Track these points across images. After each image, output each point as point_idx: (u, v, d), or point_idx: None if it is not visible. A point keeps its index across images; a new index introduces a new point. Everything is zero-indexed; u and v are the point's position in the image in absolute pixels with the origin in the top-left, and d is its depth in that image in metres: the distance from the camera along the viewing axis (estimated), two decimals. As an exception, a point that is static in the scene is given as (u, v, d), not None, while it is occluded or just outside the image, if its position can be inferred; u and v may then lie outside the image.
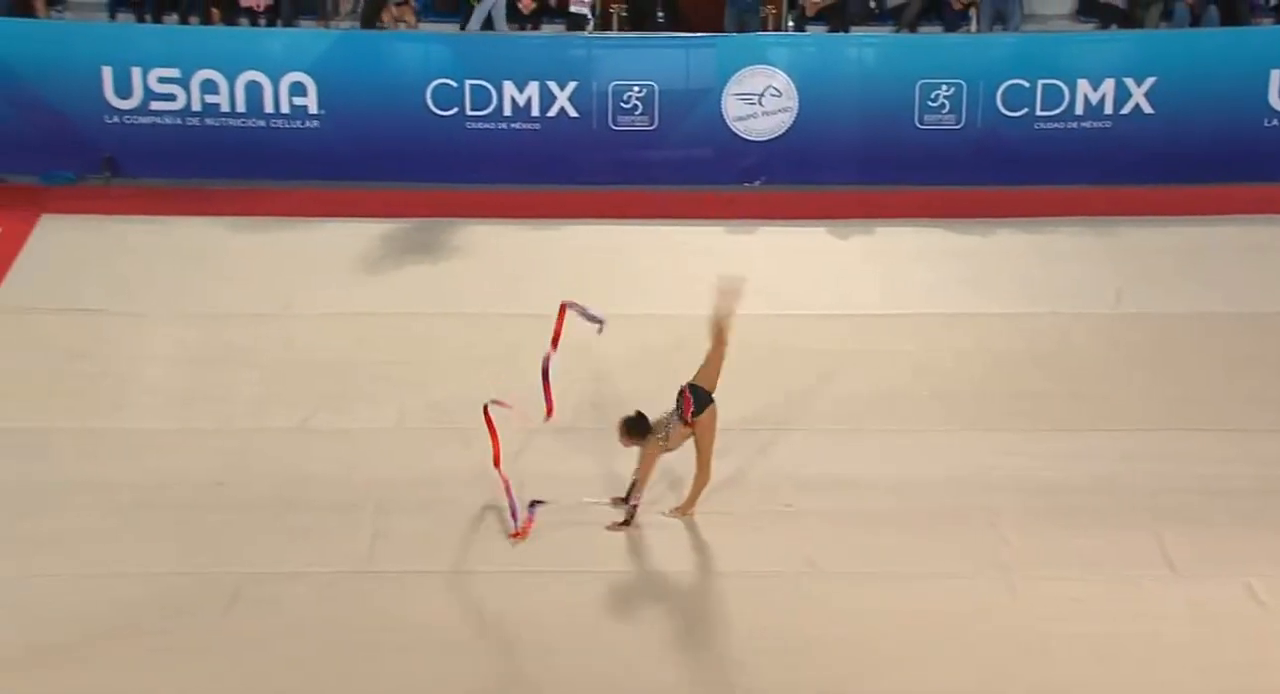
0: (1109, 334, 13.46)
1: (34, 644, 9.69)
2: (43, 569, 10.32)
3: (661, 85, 15.95)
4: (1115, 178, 16.01)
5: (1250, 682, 9.66)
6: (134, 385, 12.42)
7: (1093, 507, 11.17)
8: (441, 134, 15.88)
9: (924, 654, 9.80)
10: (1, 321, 13.24)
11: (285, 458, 11.58)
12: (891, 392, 12.51)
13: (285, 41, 16.23)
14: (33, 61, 15.80)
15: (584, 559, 10.57)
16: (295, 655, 9.69)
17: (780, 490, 11.30)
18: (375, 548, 10.65)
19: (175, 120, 15.87)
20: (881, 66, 16.29)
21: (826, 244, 14.98)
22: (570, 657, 9.73)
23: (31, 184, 15.73)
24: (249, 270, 14.18)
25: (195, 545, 10.61)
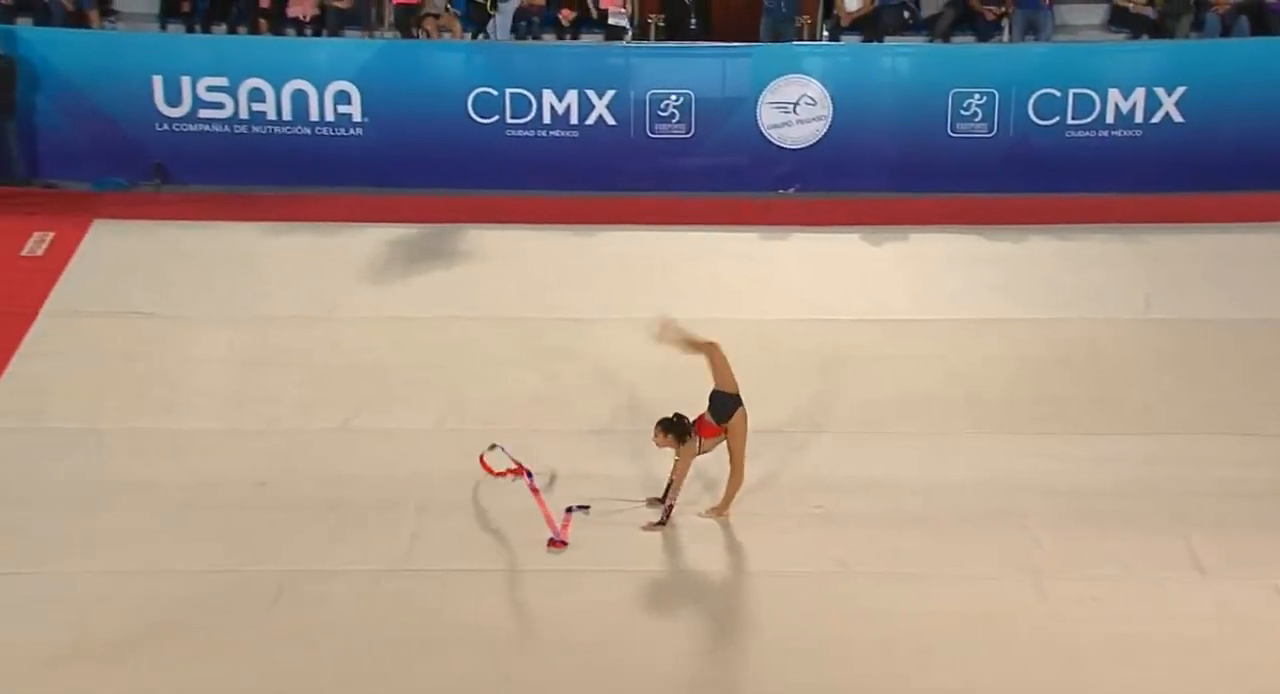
0: (1137, 339, 13.39)
1: (88, 638, 9.72)
2: (97, 566, 10.36)
3: (698, 94, 15.96)
4: (1145, 186, 15.94)
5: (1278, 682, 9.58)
6: (182, 387, 12.46)
7: (1121, 509, 11.09)
8: (482, 141, 15.91)
9: (954, 654, 9.74)
10: (55, 324, 13.29)
11: (328, 458, 11.59)
12: (922, 395, 12.46)
13: (330, 51, 16.28)
14: (86, 71, 15.93)
15: (619, 559, 10.54)
16: (336, 651, 9.68)
17: (811, 492, 11.26)
18: (414, 547, 10.65)
19: (223, 128, 15.96)
20: (915, 76, 16.27)
21: (859, 250, 14.93)
22: (604, 654, 9.70)
23: (84, 190, 15.82)
24: (294, 274, 14.22)
25: (240, 544, 10.63)
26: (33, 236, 14.64)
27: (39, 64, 15.74)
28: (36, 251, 14.45)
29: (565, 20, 17.06)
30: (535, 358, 12.81)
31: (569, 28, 17.12)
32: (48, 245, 14.54)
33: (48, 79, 15.79)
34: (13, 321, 13.21)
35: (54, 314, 13.45)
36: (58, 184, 15.93)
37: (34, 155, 15.93)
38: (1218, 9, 17.09)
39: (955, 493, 11.26)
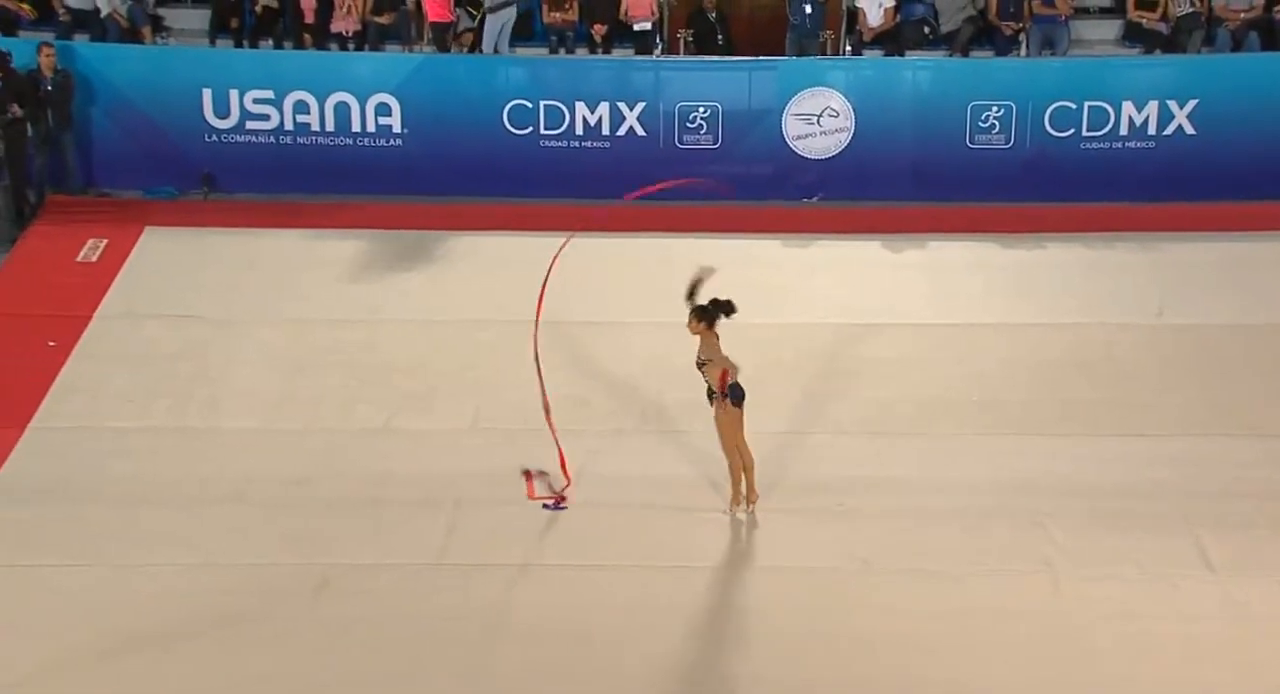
0: (1151, 344, 13.31)
1: (142, 628, 9.74)
2: (150, 559, 10.39)
3: (725, 106, 15.95)
4: (1158, 195, 15.85)
5: (1287, 679, 9.52)
6: (228, 387, 12.48)
7: (1135, 509, 11.02)
8: (517, 151, 15.91)
9: (973, 648, 9.68)
10: (108, 327, 13.33)
11: (368, 456, 11.59)
12: (943, 398, 12.41)
13: (372, 65, 16.28)
14: (139, 85, 15.99)
15: (647, 555, 10.51)
16: (377, 641, 9.67)
17: (834, 490, 11.21)
18: (451, 541, 10.63)
19: (269, 139, 16.00)
20: (934, 89, 16.22)
21: (881, 257, 14.89)
22: (633, 647, 9.66)
23: (136, 198, 15.87)
24: (336, 279, 14.25)
25: (284, 538, 10.64)
26: (87, 243, 14.69)
27: (95, 78, 15.79)
28: (91, 258, 14.50)
29: (597, 35, 17.04)
30: (567, 360, 12.77)
31: (601, 42, 17.09)
32: (102, 251, 14.59)
33: (103, 92, 15.84)
34: (69, 324, 13.25)
35: (107, 317, 13.49)
36: (111, 193, 15.96)
37: (89, 165, 15.97)
38: (1229, 24, 17.01)
39: (974, 492, 11.20)
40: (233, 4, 17.04)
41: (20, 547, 10.46)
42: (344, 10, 16.94)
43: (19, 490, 11.08)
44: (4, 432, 11.68)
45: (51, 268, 14.31)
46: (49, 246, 14.69)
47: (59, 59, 15.39)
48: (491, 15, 16.61)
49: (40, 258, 14.52)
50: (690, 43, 17.52)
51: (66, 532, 10.62)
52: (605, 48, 17.13)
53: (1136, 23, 17.30)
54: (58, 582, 10.13)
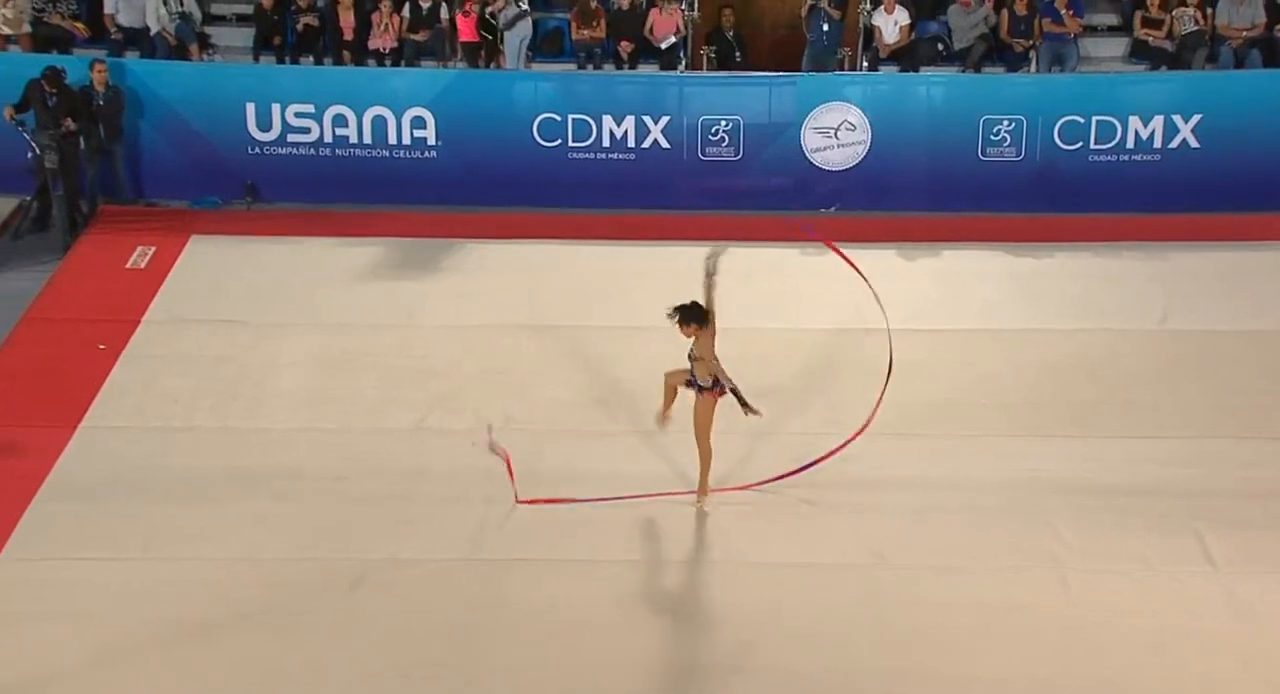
0: (1156, 349, 13.24)
1: (186, 619, 9.76)
2: (193, 553, 10.39)
3: (746, 119, 15.93)
4: (1163, 206, 15.80)
5: (1287, 671, 9.46)
6: (269, 388, 12.47)
7: (1140, 507, 10.96)
8: (546, 163, 15.92)
9: (983, 642, 9.64)
10: (155, 331, 13.34)
11: (402, 454, 11.57)
12: (955, 400, 12.36)
13: (407, 80, 16.29)
14: (186, 99, 16.02)
15: (667, 551, 10.51)
16: (411, 634, 9.67)
17: (849, 489, 11.16)
18: (482, 537, 10.61)
19: (309, 151, 16.03)
20: (948, 103, 16.19)
21: (896, 265, 14.82)
22: (652, 640, 9.66)
23: (183, 208, 15.90)
24: (372, 285, 14.25)
25: (322, 534, 10.63)
26: (136, 250, 14.72)
27: (144, 93, 15.84)
28: (140, 264, 14.52)
29: (624, 52, 17.04)
30: (593, 363, 12.78)
31: (627, 59, 17.09)
32: (150, 258, 14.61)
33: (152, 107, 15.89)
34: (119, 328, 13.28)
35: (155, 322, 13.50)
36: (159, 202, 16.00)
37: (138, 176, 16.02)
38: (1231, 42, 16.95)
39: (984, 491, 11.15)
40: (275, 22, 17.09)
41: (72, 540, 10.48)
42: (381, 28, 16.97)
43: (71, 487, 11.09)
44: (57, 431, 11.71)
45: (102, 274, 14.34)
46: (100, 254, 14.71)
47: (110, 75, 15.44)
48: (509, 33, 16.62)
49: (92, 265, 14.54)
50: (712, 59, 17.53)
51: (115, 526, 10.64)
52: (631, 64, 17.14)
53: (1143, 41, 17.24)
54: (107, 573, 10.15)
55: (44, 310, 13.64)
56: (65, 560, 10.27)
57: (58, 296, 13.92)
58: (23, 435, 11.63)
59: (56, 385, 12.36)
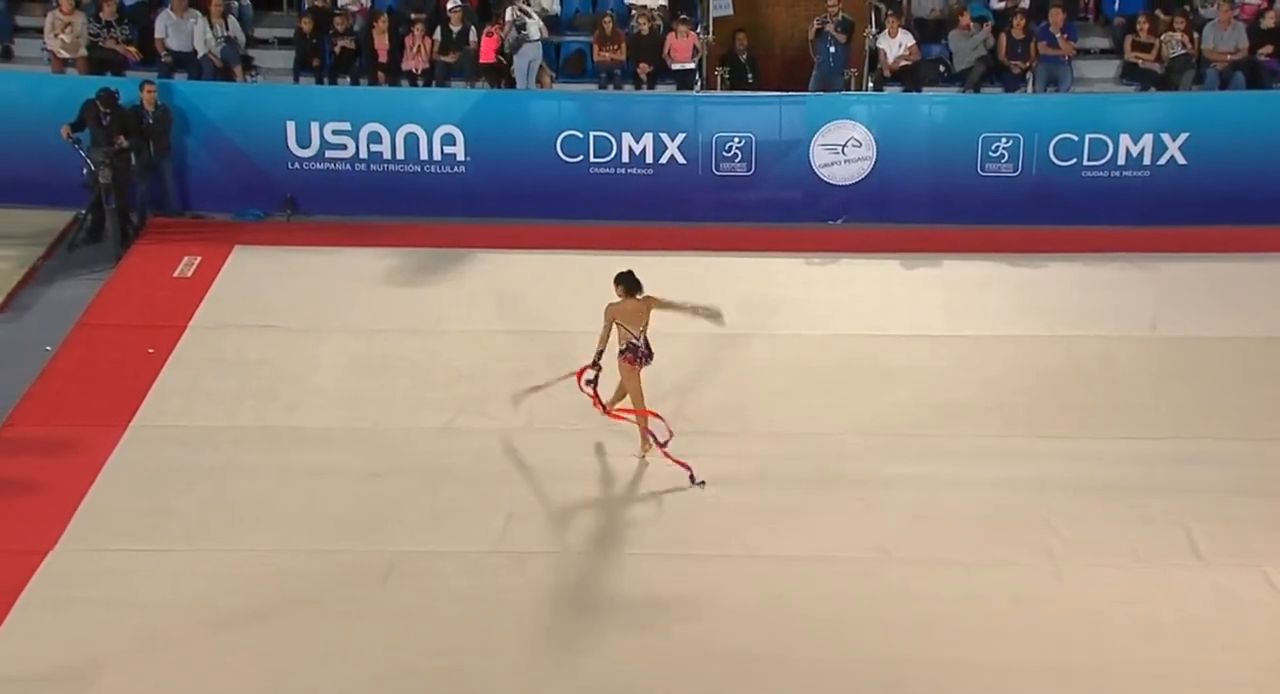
0: (1147, 354, 13.19)
1: (228, 607, 9.80)
2: (235, 544, 10.43)
3: (758, 137, 15.88)
4: (1153, 219, 15.71)
5: (1269, 657, 9.43)
6: (307, 390, 12.47)
7: (1131, 504, 10.93)
8: (569, 178, 15.90)
9: (983, 631, 9.64)
10: (201, 336, 13.35)
11: (432, 453, 11.57)
12: (956, 403, 12.31)
13: (438, 100, 16.28)
14: (230, 118, 16.02)
15: (684, 543, 10.49)
16: (439, 622, 9.69)
17: (856, 487, 11.15)
18: (508, 531, 10.61)
19: (346, 166, 16.02)
20: (949, 122, 16.14)
21: (899, 274, 14.80)
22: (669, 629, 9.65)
23: (227, 220, 15.90)
24: (405, 293, 14.25)
25: (355, 527, 10.65)
26: (183, 260, 14.72)
27: (191, 112, 15.85)
28: (186, 273, 14.53)
29: (643, 73, 17.04)
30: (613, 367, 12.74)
31: (646, 79, 17.09)
32: (196, 268, 14.61)
33: (198, 125, 15.89)
34: (166, 334, 13.28)
35: (200, 327, 13.51)
36: (205, 215, 16.01)
37: (185, 190, 16.01)
38: (1216, 65, 16.87)
39: (985, 488, 11.12)
40: (314, 45, 17.09)
41: (123, 532, 10.52)
42: (414, 51, 16.96)
43: (123, 482, 11.12)
44: (109, 429, 11.73)
45: (151, 283, 14.34)
46: (149, 264, 14.72)
47: (159, 95, 15.46)
48: (516, 56, 16.63)
49: (141, 274, 14.55)
50: (726, 80, 17.52)
51: (163, 519, 10.67)
52: (650, 84, 17.11)
53: (1133, 63, 17.17)
54: (155, 563, 10.20)
55: (97, 317, 13.66)
56: (115, 551, 10.32)
57: (110, 304, 13.94)
58: (78, 434, 11.67)
59: (109, 387, 12.38)
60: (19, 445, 11.53)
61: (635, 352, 11.13)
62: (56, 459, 11.36)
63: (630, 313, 11.07)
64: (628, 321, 11.09)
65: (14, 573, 9.97)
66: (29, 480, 11.07)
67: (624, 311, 11.06)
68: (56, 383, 12.47)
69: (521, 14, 16.55)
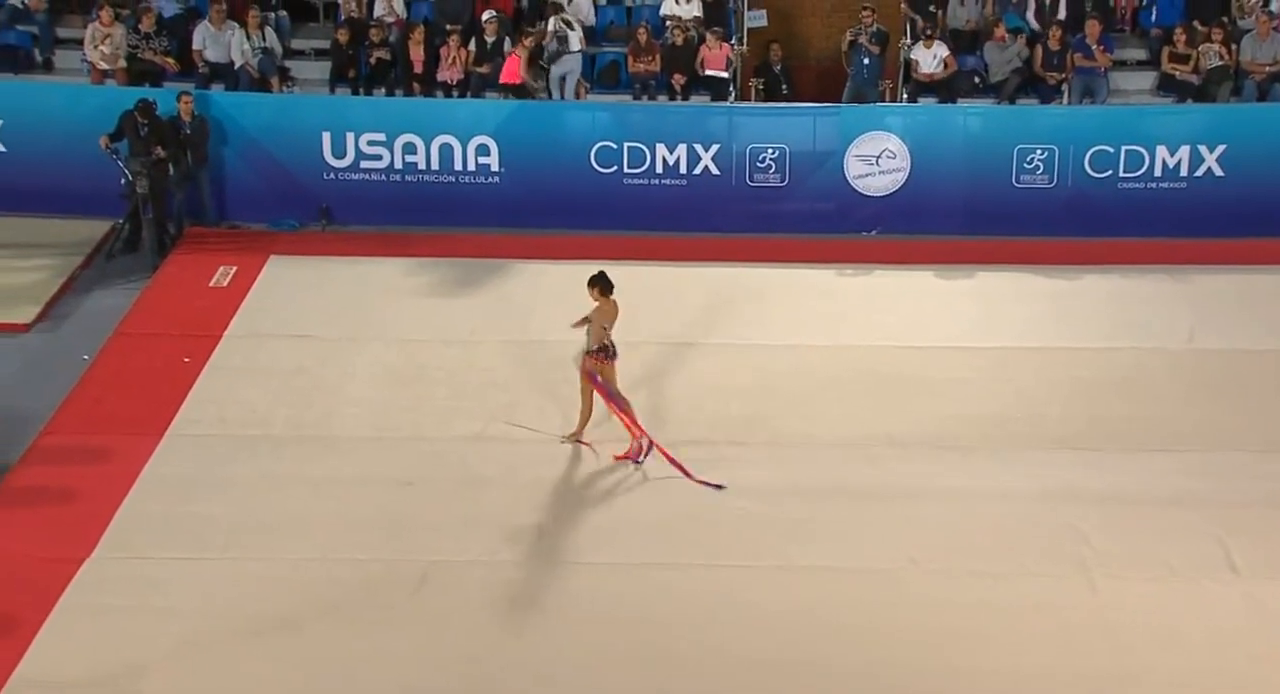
0: (1182, 366, 13.17)
1: (263, 614, 9.86)
2: (270, 553, 10.49)
3: (792, 148, 15.95)
4: (1189, 231, 15.69)
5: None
6: (341, 399, 12.55)
7: (1164, 516, 10.91)
8: (603, 188, 15.98)
9: (1014, 641, 9.64)
10: (237, 345, 13.47)
11: (465, 461, 11.64)
12: (990, 414, 12.32)
13: (472, 111, 16.39)
14: (266, 129, 16.19)
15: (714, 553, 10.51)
16: (471, 630, 9.74)
17: (887, 497, 11.16)
18: (540, 540, 10.67)
19: (381, 177, 16.15)
20: (984, 133, 16.17)
21: (933, 286, 14.81)
22: (701, 637, 9.68)
23: (262, 230, 16.03)
24: (439, 302, 14.34)
25: (389, 535, 10.71)
26: (219, 269, 14.85)
27: (228, 123, 16.00)
28: (222, 283, 14.65)
29: (677, 84, 17.11)
30: (647, 376, 12.82)
31: (680, 90, 17.16)
32: (231, 277, 14.74)
33: (235, 136, 16.05)
34: (202, 343, 13.40)
35: (236, 336, 13.62)
36: (241, 225, 16.14)
37: (221, 200, 16.16)
38: (1255, 77, 16.84)
39: (1017, 499, 11.12)
40: (350, 56, 17.23)
41: (158, 540, 10.60)
42: (449, 62, 17.09)
43: (158, 490, 11.20)
44: (146, 437, 11.83)
45: (188, 292, 14.46)
46: (186, 273, 14.85)
47: (196, 106, 15.62)
48: (553, 67, 16.72)
49: (178, 283, 14.68)
50: (760, 91, 17.58)
51: (199, 526, 10.75)
52: (684, 95, 17.19)
53: (1170, 74, 17.15)
54: (190, 570, 10.28)
55: (134, 325, 13.79)
56: (151, 558, 10.40)
57: (147, 313, 14.07)
58: (115, 441, 11.78)
59: (145, 395, 12.50)
60: (57, 453, 11.65)
61: (607, 352, 11.46)
62: (93, 467, 11.47)
63: (610, 314, 11.43)
64: (609, 322, 11.41)
65: (51, 580, 10.07)
66: (66, 488, 11.18)
67: (607, 314, 11.42)
68: (94, 391, 12.60)
69: (564, 25, 16.65)
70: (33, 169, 15.87)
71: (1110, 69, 17.17)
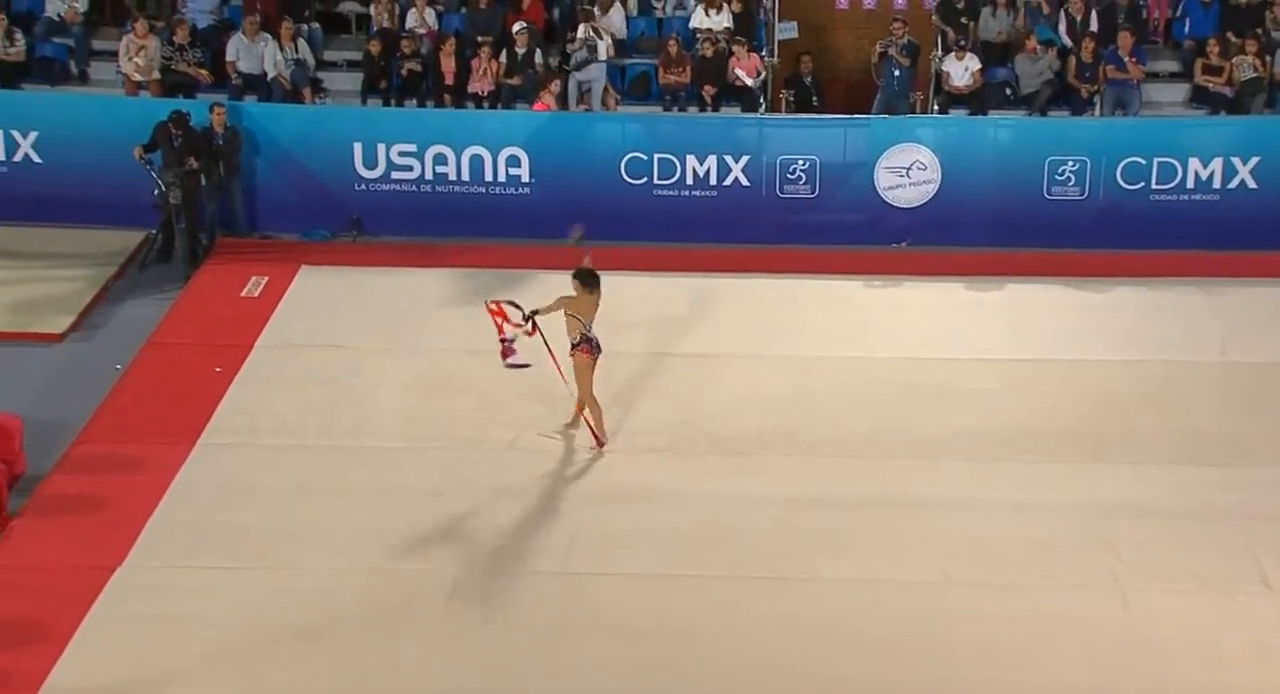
0: (1214, 380, 13.11)
1: (294, 623, 9.89)
2: (301, 562, 10.53)
3: (822, 159, 15.93)
4: (1222, 244, 15.62)
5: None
6: (372, 409, 12.58)
7: (1197, 530, 10.86)
8: (633, 199, 16.00)
9: (1046, 654, 9.60)
10: (268, 355, 13.52)
11: (496, 472, 11.66)
12: (1020, 427, 12.28)
13: (503, 121, 16.46)
14: (298, 139, 16.25)
15: (750, 566, 10.51)
16: (500, 642, 9.76)
17: (919, 510, 11.14)
18: (571, 552, 10.68)
19: (411, 187, 16.20)
20: (1015, 145, 16.14)
21: (964, 298, 14.78)
22: (731, 649, 9.68)
23: (294, 241, 16.10)
24: (469, 312, 14.19)
25: (419, 545, 10.73)
26: (250, 280, 14.91)
27: (260, 134, 16.08)
28: (254, 293, 14.71)
29: (707, 95, 17.14)
30: (677, 388, 12.84)
31: (710, 101, 17.19)
32: (263, 288, 14.80)
33: (267, 146, 16.12)
34: (233, 353, 13.46)
35: (267, 347, 13.67)
36: (272, 235, 16.21)
37: (253, 211, 16.24)
38: (1289, 88, 16.81)
39: (1050, 512, 11.08)
40: (382, 68, 17.34)
41: (189, 549, 10.65)
42: (480, 73, 17.17)
43: (190, 499, 11.26)
44: (177, 447, 11.89)
45: (219, 302, 14.53)
46: (217, 283, 14.92)
47: (229, 117, 15.70)
48: (577, 73, 16.76)
49: (210, 293, 14.75)
50: (791, 102, 17.59)
51: (229, 536, 10.79)
52: (714, 106, 17.22)
53: (1203, 86, 17.11)
54: (221, 580, 10.32)
55: (166, 336, 13.86)
56: (184, 568, 10.45)
57: (179, 323, 14.14)
58: (146, 451, 11.84)
59: (177, 405, 12.56)
60: (89, 462, 11.72)
61: (591, 343, 11.57)
62: (125, 476, 11.53)
63: (582, 306, 11.54)
64: (584, 314, 11.53)
65: (83, 588, 10.14)
66: (98, 497, 11.24)
67: (582, 305, 11.54)
68: (126, 401, 12.67)
69: (594, 34, 16.71)
70: (67, 180, 15.97)
71: (1143, 81, 17.12)
